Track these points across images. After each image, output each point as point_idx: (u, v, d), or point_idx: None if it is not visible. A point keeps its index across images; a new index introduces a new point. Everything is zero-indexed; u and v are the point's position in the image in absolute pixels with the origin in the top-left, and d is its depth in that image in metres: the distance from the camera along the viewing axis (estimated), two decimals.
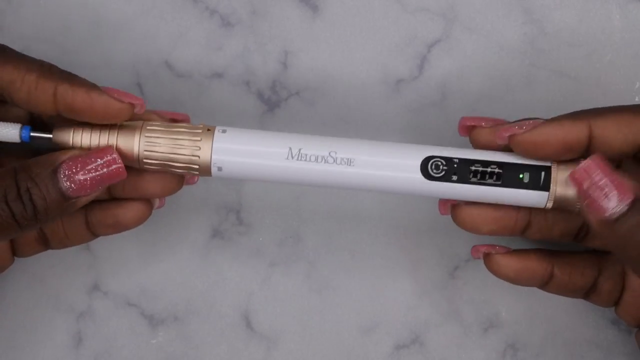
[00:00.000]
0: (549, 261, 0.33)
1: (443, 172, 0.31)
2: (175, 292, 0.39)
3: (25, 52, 0.37)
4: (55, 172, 0.30)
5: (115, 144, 0.32)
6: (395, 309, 0.39)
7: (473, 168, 0.31)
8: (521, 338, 0.38)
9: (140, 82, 0.38)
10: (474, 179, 0.31)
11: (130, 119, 0.32)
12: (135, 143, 0.32)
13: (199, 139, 0.32)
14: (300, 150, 0.32)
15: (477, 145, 0.32)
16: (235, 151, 0.32)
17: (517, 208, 0.32)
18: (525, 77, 0.37)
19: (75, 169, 0.30)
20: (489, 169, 0.31)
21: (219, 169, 0.32)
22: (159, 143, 0.32)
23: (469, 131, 0.32)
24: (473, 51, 0.37)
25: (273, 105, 0.38)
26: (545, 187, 0.31)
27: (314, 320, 0.39)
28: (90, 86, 0.31)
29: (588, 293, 0.34)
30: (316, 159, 0.32)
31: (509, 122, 0.31)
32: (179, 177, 0.34)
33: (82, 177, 0.30)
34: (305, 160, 0.32)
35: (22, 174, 0.30)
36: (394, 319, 0.39)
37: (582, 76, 0.37)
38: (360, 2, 0.38)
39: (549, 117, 0.31)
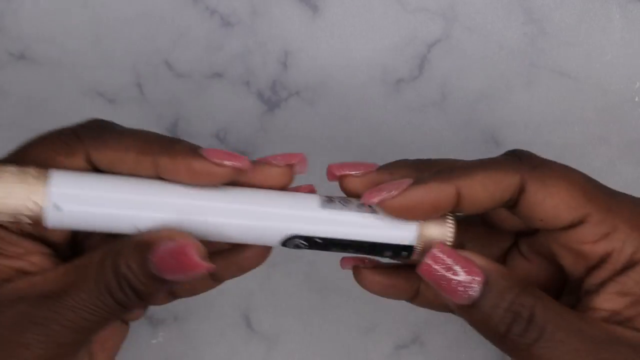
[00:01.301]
0: (415, 278, 0.33)
1: (305, 247, 0.30)
2: None
3: (25, 53, 0.38)
4: (146, 255, 0.28)
5: None
6: (395, 309, 0.38)
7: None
8: None
9: (140, 82, 0.38)
10: (335, 249, 0.31)
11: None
12: None
13: (28, 185, 0.27)
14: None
15: (348, 193, 0.31)
16: (73, 198, 0.28)
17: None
18: (525, 77, 0.37)
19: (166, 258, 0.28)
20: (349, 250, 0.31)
21: (56, 215, 0.28)
22: None
23: (339, 179, 0.31)
24: (473, 51, 0.37)
25: (273, 105, 0.38)
26: (409, 252, 0.31)
27: (314, 320, 0.39)
28: (191, 153, 0.29)
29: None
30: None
31: (376, 173, 0.30)
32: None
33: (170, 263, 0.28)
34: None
35: (118, 261, 0.28)
36: (394, 319, 0.38)
37: (582, 76, 0.37)
38: (360, 2, 0.38)
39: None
